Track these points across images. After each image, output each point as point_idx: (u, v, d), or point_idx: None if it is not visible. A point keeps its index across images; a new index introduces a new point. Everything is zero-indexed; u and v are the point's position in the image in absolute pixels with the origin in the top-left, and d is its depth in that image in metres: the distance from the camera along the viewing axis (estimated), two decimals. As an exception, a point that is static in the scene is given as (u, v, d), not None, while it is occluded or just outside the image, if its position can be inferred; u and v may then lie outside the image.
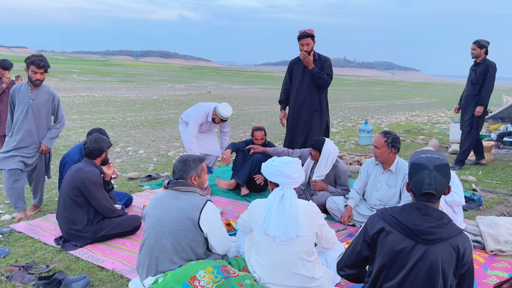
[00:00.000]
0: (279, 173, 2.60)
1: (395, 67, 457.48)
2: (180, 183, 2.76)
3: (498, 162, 7.21)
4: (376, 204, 4.00)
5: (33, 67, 4.01)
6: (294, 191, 2.60)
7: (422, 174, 1.92)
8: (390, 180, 3.92)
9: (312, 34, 5.02)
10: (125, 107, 15.61)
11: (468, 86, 6.48)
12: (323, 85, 5.10)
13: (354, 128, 12.11)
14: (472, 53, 6.37)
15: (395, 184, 3.89)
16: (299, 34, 5.05)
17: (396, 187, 3.88)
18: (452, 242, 1.89)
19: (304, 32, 5.01)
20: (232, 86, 36.58)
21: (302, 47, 5.06)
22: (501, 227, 3.68)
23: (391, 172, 3.90)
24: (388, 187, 3.92)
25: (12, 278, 2.92)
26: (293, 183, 2.59)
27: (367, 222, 2.08)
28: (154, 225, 2.67)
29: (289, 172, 2.58)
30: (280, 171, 2.59)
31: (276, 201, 2.54)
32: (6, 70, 5.83)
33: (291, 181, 2.58)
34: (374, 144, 3.89)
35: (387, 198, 3.92)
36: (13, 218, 4.14)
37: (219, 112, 5.03)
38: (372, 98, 28.47)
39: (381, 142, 3.80)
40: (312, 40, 5.06)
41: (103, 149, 3.69)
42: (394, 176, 3.90)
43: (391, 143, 3.79)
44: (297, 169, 2.63)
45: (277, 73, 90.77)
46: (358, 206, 4.12)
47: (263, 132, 5.25)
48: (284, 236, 2.46)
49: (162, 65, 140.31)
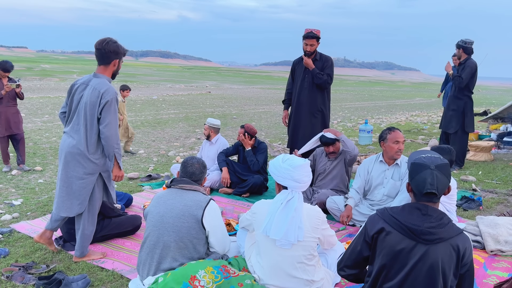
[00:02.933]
0: (289, 177, 2.52)
1: (395, 67, 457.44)
2: (184, 181, 2.76)
3: (498, 162, 7.21)
4: (383, 200, 4.06)
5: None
6: (301, 194, 2.56)
7: (424, 174, 1.92)
8: (396, 174, 4.02)
9: (318, 36, 5.02)
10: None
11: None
12: (323, 86, 5.11)
13: (354, 128, 12.10)
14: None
15: (400, 177, 3.99)
16: (305, 33, 5.03)
17: (402, 179, 3.98)
18: (452, 242, 1.89)
19: (311, 32, 5.01)
20: (232, 86, 36.58)
21: (305, 46, 5.05)
22: (501, 227, 3.68)
23: (398, 165, 4.01)
24: (394, 181, 4.01)
25: (12, 278, 2.92)
26: (303, 187, 2.56)
27: (367, 222, 2.08)
28: (156, 223, 2.68)
29: (300, 176, 2.51)
30: (290, 175, 2.51)
31: (282, 205, 2.49)
32: (7, 72, 5.83)
33: (301, 186, 2.54)
34: (398, 139, 3.91)
35: (395, 191, 4.00)
36: (13, 218, 4.14)
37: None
38: (372, 98, 28.47)
39: (402, 137, 3.97)
40: (316, 42, 5.07)
41: None
42: (400, 169, 4.01)
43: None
44: (307, 173, 2.56)
45: (277, 73, 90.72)
46: (358, 206, 4.13)
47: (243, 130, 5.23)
48: (285, 240, 2.44)
49: (162, 65, 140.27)
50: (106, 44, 3.08)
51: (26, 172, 5.97)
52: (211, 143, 5.62)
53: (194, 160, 2.83)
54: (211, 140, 5.61)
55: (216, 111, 15.40)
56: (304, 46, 5.07)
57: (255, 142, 5.31)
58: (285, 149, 7.79)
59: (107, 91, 3.01)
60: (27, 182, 5.48)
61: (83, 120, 3.05)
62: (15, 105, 6.02)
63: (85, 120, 3.04)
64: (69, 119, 3.16)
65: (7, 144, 6.03)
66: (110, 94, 3.02)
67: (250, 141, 5.20)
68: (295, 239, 2.42)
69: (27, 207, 4.51)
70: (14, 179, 5.60)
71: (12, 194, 4.98)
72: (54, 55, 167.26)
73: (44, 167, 6.25)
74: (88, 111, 3.02)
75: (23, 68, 46.30)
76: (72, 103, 3.13)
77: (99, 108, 3.01)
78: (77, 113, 3.10)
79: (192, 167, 2.80)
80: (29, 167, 6.13)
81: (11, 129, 5.94)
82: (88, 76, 3.15)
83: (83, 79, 3.14)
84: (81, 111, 3.06)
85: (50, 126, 10.41)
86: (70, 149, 3.08)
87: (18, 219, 4.13)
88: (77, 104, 3.09)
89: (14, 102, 6.01)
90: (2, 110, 5.83)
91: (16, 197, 4.85)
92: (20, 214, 4.28)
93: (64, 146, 3.12)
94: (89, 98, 3.01)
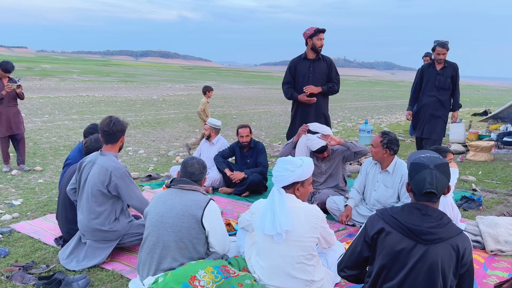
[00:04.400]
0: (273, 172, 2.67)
1: (395, 67, 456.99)
2: (184, 181, 2.77)
3: (498, 162, 7.22)
4: (375, 205, 4.01)
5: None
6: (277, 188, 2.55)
7: (423, 174, 1.92)
8: (387, 181, 3.93)
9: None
10: (125, 107, 15.61)
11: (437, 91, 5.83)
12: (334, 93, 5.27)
13: (354, 128, 12.10)
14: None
15: (392, 185, 3.90)
16: (318, 28, 5.04)
17: (393, 188, 3.89)
18: (452, 242, 1.89)
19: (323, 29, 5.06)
20: (232, 86, 36.58)
21: (319, 41, 5.05)
22: (501, 227, 3.68)
23: (388, 172, 3.91)
24: (385, 187, 3.93)
25: (12, 278, 2.92)
26: (276, 181, 2.59)
27: (367, 222, 2.08)
28: (156, 223, 2.68)
29: (274, 171, 2.62)
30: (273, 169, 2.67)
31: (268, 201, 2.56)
32: (8, 72, 5.83)
33: (276, 180, 2.59)
34: (372, 142, 3.93)
35: (384, 198, 3.93)
36: (13, 218, 4.14)
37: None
38: (372, 98, 28.47)
39: (377, 142, 3.83)
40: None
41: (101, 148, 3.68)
42: (391, 176, 3.91)
43: (386, 143, 3.79)
44: (280, 168, 2.58)
45: (277, 73, 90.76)
46: (358, 206, 4.13)
47: (249, 129, 5.29)
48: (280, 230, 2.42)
49: (162, 65, 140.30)
50: (112, 125, 3.19)
51: (26, 172, 5.97)
52: (211, 143, 5.62)
53: (194, 161, 2.83)
54: (212, 141, 5.61)
55: (216, 111, 15.39)
56: (317, 42, 5.04)
57: (251, 143, 5.31)
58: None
59: (116, 168, 3.13)
60: (27, 182, 5.48)
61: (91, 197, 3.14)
62: (15, 105, 6.02)
63: (93, 196, 3.14)
64: (79, 196, 3.27)
65: (7, 144, 6.03)
66: (120, 170, 3.14)
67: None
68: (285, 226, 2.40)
69: (27, 207, 4.51)
70: (14, 179, 5.60)
71: (12, 194, 4.99)
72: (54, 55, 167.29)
73: (44, 167, 6.25)
74: (96, 188, 3.12)
75: (23, 68, 46.29)
76: (80, 181, 3.25)
77: (109, 186, 3.11)
78: (85, 191, 3.19)
79: (192, 167, 2.80)
80: (29, 167, 6.14)
81: (12, 129, 5.95)
82: (95, 155, 3.27)
83: (90, 158, 3.26)
84: (88, 189, 3.15)
85: (50, 126, 10.41)
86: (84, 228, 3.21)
87: (18, 219, 4.13)
88: (84, 181, 3.20)
89: (15, 102, 6.01)
90: (3, 110, 5.83)
91: (16, 197, 4.85)
92: (20, 214, 4.28)
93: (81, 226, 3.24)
94: (96, 176, 3.12)
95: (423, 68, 6.02)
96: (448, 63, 5.78)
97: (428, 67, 5.92)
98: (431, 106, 5.81)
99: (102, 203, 3.16)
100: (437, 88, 5.78)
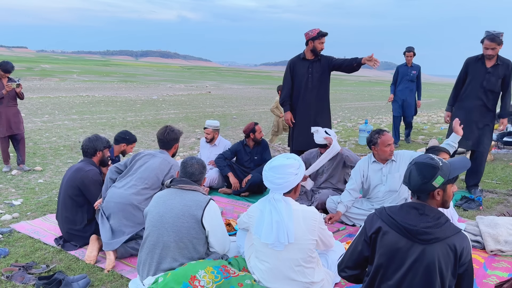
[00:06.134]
0: (265, 178, 2.54)
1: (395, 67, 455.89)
2: (184, 181, 2.77)
3: (498, 162, 7.21)
4: (385, 196, 4.04)
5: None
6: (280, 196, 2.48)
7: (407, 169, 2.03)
8: (393, 168, 4.00)
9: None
10: (125, 107, 15.61)
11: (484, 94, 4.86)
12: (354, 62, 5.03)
13: (354, 128, 12.10)
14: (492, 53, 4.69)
15: (398, 169, 3.97)
16: (321, 32, 5.02)
17: (399, 171, 3.95)
18: (449, 242, 1.89)
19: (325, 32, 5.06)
20: (232, 86, 36.58)
21: (320, 45, 5.05)
22: (501, 227, 3.67)
23: (392, 160, 4.01)
24: (392, 175, 3.99)
25: (12, 278, 2.92)
26: (278, 188, 2.50)
27: (366, 222, 2.08)
28: (156, 222, 2.68)
29: (272, 178, 2.50)
30: (265, 176, 2.53)
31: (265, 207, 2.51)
32: (8, 72, 5.83)
33: (276, 187, 2.50)
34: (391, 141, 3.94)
35: (396, 185, 3.97)
36: (13, 218, 4.14)
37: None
38: (372, 98, 28.45)
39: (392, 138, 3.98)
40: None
41: (98, 148, 3.70)
42: (395, 163, 4.00)
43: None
44: (280, 175, 2.47)
45: (277, 73, 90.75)
46: (362, 204, 4.13)
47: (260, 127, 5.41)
48: (278, 242, 2.42)
49: (162, 65, 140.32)
50: (167, 134, 3.62)
51: (26, 172, 5.97)
52: (214, 145, 5.61)
53: (194, 161, 2.84)
54: (214, 143, 5.61)
55: (216, 111, 15.40)
56: (318, 45, 5.03)
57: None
58: (285, 149, 7.79)
59: (176, 165, 3.54)
60: (27, 182, 5.48)
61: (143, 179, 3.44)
62: (15, 105, 6.02)
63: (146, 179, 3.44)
64: (128, 175, 3.53)
65: (7, 144, 6.03)
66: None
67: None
68: (285, 241, 2.40)
69: (27, 207, 4.51)
70: (14, 179, 5.60)
71: (12, 194, 4.99)
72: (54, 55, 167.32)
73: (44, 167, 6.25)
74: (154, 173, 3.45)
75: (23, 68, 46.31)
76: (133, 166, 3.55)
77: (166, 176, 3.48)
78: (137, 174, 3.48)
79: (191, 167, 2.80)
80: (29, 167, 6.14)
81: (12, 129, 5.94)
82: (154, 151, 3.65)
83: (149, 152, 3.65)
84: (144, 173, 3.46)
85: (50, 126, 10.41)
86: (117, 199, 3.35)
87: (18, 219, 4.13)
88: (139, 166, 3.51)
89: (15, 102, 6.01)
90: (3, 110, 5.83)
91: (16, 197, 4.85)
92: (20, 214, 4.28)
93: (114, 197, 3.37)
94: (158, 165, 3.48)
95: (468, 62, 4.93)
96: (501, 60, 4.75)
97: (475, 62, 4.86)
98: (476, 113, 4.84)
99: (152, 187, 3.42)
100: (484, 90, 4.79)
